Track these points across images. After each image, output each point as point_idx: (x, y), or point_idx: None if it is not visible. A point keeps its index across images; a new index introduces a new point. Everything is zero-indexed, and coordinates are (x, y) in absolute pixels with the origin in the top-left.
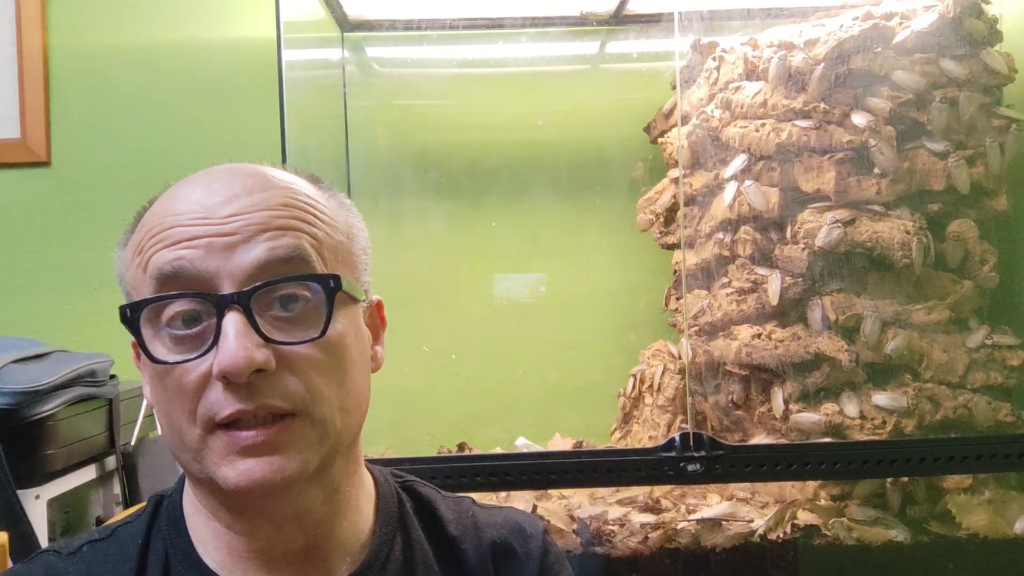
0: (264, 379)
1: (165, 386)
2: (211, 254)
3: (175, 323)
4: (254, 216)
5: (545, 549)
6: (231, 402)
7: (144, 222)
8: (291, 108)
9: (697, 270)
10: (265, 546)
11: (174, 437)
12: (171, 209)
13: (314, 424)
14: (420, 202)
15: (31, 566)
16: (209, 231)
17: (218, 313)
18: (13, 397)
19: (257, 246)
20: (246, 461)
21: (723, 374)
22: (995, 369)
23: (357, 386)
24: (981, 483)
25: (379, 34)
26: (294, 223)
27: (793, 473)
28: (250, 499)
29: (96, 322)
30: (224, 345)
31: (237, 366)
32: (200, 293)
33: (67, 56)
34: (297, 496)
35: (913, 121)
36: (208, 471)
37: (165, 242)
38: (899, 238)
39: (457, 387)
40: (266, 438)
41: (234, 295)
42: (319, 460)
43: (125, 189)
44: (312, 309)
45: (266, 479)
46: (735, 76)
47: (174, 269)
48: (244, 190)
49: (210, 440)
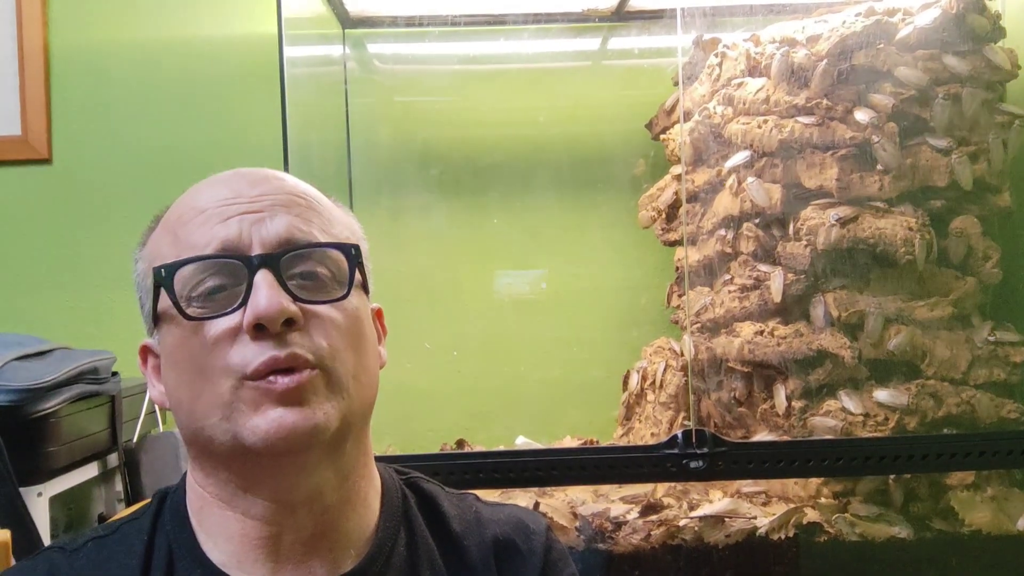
0: (293, 332)
1: (191, 350)
2: (243, 227)
3: (201, 293)
4: (280, 198)
5: (548, 546)
6: (263, 350)
7: (171, 213)
8: (292, 104)
9: (699, 267)
10: (277, 532)
11: (200, 404)
12: (200, 196)
13: (331, 379)
14: (422, 198)
15: (35, 563)
16: (241, 208)
17: (249, 273)
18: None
19: (283, 219)
20: (277, 409)
21: (725, 371)
22: (998, 365)
23: (370, 363)
24: (984, 480)
25: (380, 30)
26: (312, 212)
27: (796, 470)
28: (276, 454)
29: (98, 319)
30: (257, 296)
31: (272, 311)
32: (233, 255)
33: (68, 53)
34: (314, 466)
35: (916, 117)
36: (236, 427)
37: (199, 221)
38: (902, 234)
39: (459, 384)
40: (297, 384)
41: (264, 256)
42: (338, 417)
43: (126, 186)
44: (331, 282)
45: (296, 427)
46: (737, 72)
47: (207, 241)
48: (265, 179)
49: (241, 393)
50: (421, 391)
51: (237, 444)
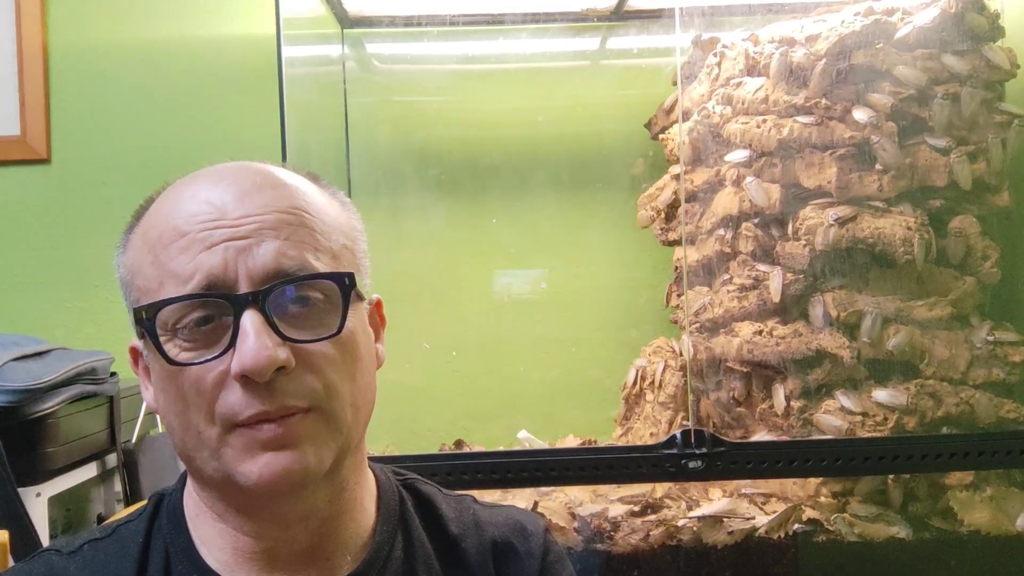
0: (283, 377)
1: (179, 386)
2: (228, 257)
3: (187, 324)
4: (267, 218)
5: (546, 548)
6: (252, 404)
7: (150, 223)
8: (291, 105)
9: (698, 267)
10: (272, 547)
11: (189, 437)
12: (181, 210)
13: (327, 419)
14: (420, 198)
15: (32, 565)
16: (225, 235)
17: (235, 313)
18: (14, 395)
19: (270, 246)
20: (267, 455)
21: (724, 371)
22: (997, 365)
23: (366, 383)
24: (983, 480)
25: (379, 30)
26: (303, 230)
27: (795, 470)
28: (269, 495)
29: (96, 319)
30: (244, 345)
31: (259, 365)
32: (219, 294)
33: (67, 53)
34: (309, 496)
35: (915, 117)
36: (227, 468)
37: (180, 245)
38: (901, 234)
39: (458, 384)
40: (286, 430)
41: (251, 294)
42: (333, 456)
43: (125, 186)
44: (325, 308)
45: (289, 471)
46: (736, 72)
47: (190, 272)
48: (253, 187)
49: (229, 438)
50: (420, 391)
51: (230, 482)
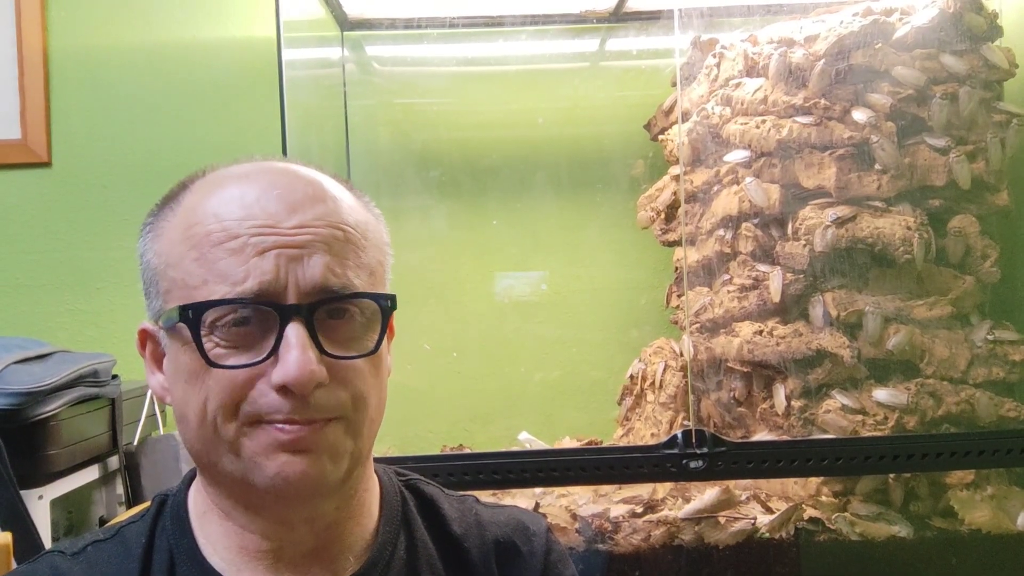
0: (319, 391)
1: (203, 381)
2: (280, 264)
3: (225, 324)
4: (320, 232)
5: (548, 547)
6: (285, 409)
7: (194, 218)
8: (291, 107)
9: (698, 267)
10: (277, 547)
11: (205, 430)
12: (231, 211)
13: (349, 429)
14: (421, 200)
15: (36, 566)
16: (278, 242)
17: (281, 322)
18: (16, 397)
19: (320, 260)
20: (285, 456)
21: (725, 371)
22: (997, 364)
23: (385, 395)
24: (983, 479)
25: (379, 33)
26: (348, 247)
27: (795, 469)
28: (280, 496)
29: (98, 322)
30: (289, 357)
31: (303, 380)
32: (268, 302)
33: (67, 57)
34: (320, 503)
35: (914, 117)
36: (243, 463)
37: (231, 247)
38: (900, 234)
39: (459, 385)
40: (308, 435)
41: (298, 307)
42: (348, 465)
43: (126, 189)
44: (361, 323)
45: (306, 475)
46: (735, 73)
47: (242, 276)
48: (306, 198)
49: (250, 431)
50: (421, 392)
51: (243, 479)
